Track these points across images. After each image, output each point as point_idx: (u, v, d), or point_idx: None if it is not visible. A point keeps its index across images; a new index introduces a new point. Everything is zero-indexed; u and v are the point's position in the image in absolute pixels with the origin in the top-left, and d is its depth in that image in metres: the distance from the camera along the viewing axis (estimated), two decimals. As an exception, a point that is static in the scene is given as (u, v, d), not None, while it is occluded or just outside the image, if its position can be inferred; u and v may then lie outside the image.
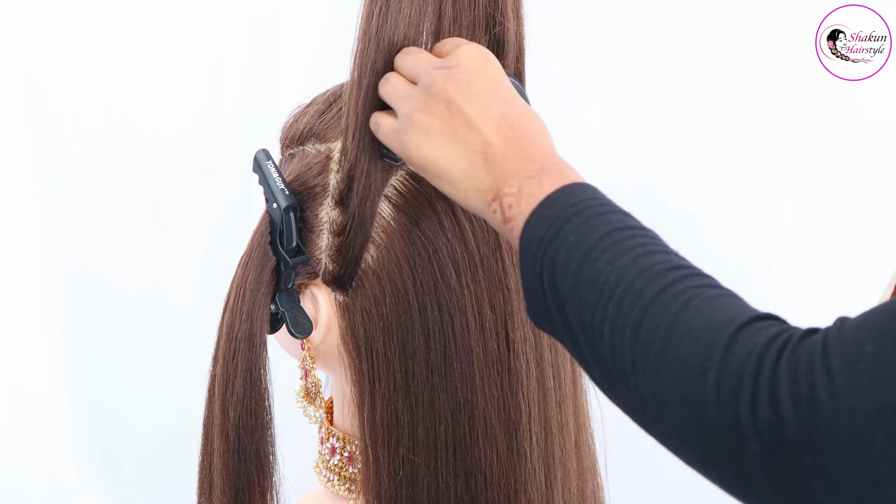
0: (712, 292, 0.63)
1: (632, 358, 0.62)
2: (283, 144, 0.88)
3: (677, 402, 0.60)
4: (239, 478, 0.81)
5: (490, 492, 0.83)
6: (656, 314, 0.62)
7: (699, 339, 0.60)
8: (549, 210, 0.68)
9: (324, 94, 0.88)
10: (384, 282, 0.81)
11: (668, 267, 0.64)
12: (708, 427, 0.59)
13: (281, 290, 0.82)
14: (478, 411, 0.82)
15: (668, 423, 0.62)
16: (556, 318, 0.67)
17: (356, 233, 0.80)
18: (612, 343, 0.63)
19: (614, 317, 0.63)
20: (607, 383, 0.65)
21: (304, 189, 0.82)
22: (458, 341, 0.81)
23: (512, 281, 0.83)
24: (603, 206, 0.68)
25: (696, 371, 0.59)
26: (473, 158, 0.72)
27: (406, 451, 0.81)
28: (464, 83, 0.73)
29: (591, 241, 0.66)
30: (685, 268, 0.65)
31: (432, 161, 0.73)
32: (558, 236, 0.67)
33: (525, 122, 0.73)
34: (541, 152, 0.72)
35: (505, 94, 0.74)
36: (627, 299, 0.63)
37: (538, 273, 0.68)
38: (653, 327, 0.62)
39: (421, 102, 0.74)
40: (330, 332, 0.84)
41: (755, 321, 0.61)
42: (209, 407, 0.83)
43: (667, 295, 0.62)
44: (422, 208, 0.81)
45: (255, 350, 0.81)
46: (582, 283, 0.65)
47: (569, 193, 0.69)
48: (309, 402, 0.88)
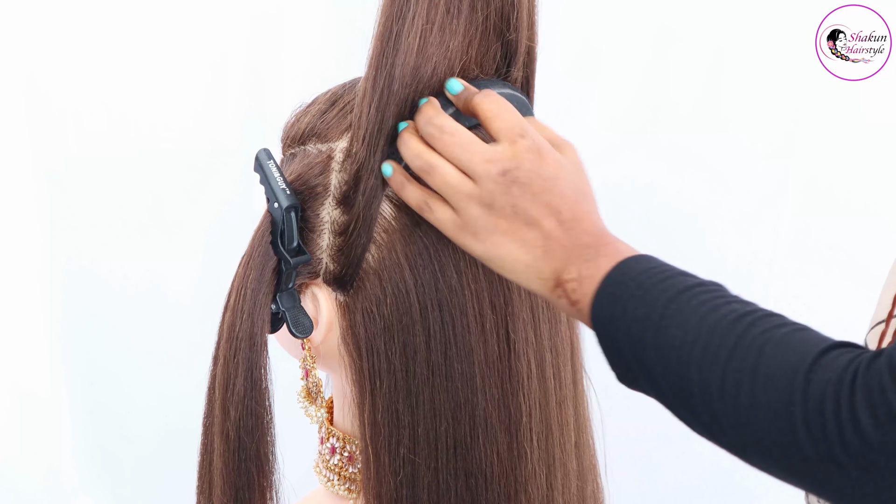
0: (780, 333, 0.68)
1: (723, 412, 0.68)
2: (285, 144, 0.88)
3: (775, 447, 0.67)
4: (239, 477, 0.81)
5: (490, 492, 0.83)
6: (736, 369, 0.68)
7: (777, 385, 0.66)
8: (612, 289, 0.74)
9: (325, 94, 0.88)
10: (385, 282, 0.81)
11: (733, 319, 0.70)
12: (810, 464, 0.66)
13: (282, 289, 0.82)
14: (478, 411, 0.82)
15: (772, 464, 0.68)
16: (644, 384, 0.73)
17: (359, 233, 0.80)
18: (703, 401, 0.69)
19: (697, 378, 0.69)
20: (707, 435, 0.72)
21: (306, 188, 0.82)
22: (459, 341, 0.81)
23: (514, 282, 0.83)
24: (660, 272, 0.74)
25: (784, 416, 0.66)
26: (535, 253, 0.77)
27: (406, 451, 0.81)
28: (526, 185, 0.76)
29: (658, 310, 0.71)
30: (749, 314, 0.70)
31: (497, 256, 0.77)
32: (626, 312, 0.73)
33: (579, 211, 0.77)
34: (594, 235, 0.77)
35: (564, 189, 0.77)
36: (706, 360, 0.69)
37: (619, 349, 0.74)
38: (735, 383, 0.68)
39: (486, 206, 0.77)
40: (331, 332, 0.84)
41: (825, 353, 0.67)
42: (209, 406, 0.83)
43: (740, 348, 0.68)
44: None
45: (255, 350, 0.80)
46: (661, 351, 0.71)
47: (625, 269, 0.74)
48: (310, 401, 0.88)
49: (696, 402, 0.70)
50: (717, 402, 0.68)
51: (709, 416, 0.69)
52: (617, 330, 0.73)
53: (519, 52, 0.84)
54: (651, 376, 0.72)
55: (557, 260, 0.76)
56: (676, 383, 0.70)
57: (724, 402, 0.68)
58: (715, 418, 0.69)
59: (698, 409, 0.70)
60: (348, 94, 0.87)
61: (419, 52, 0.79)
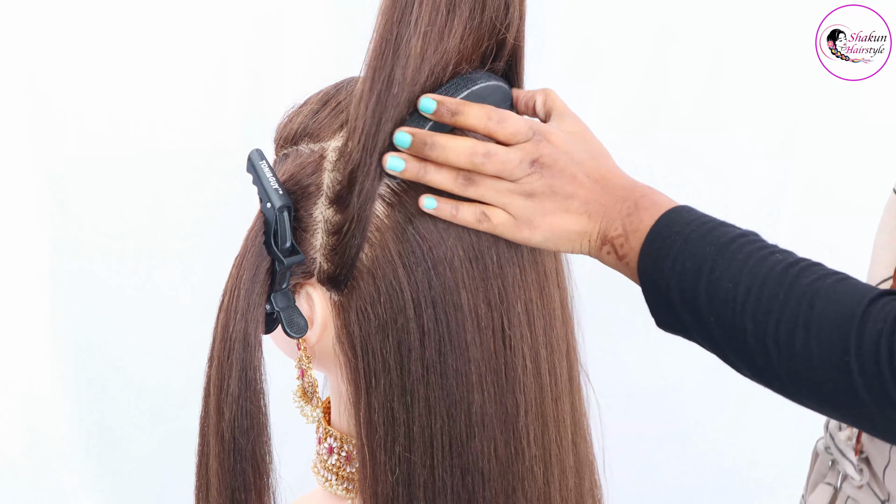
0: (826, 284, 0.74)
1: (778, 360, 0.74)
2: (278, 144, 0.88)
3: (831, 393, 0.72)
4: (234, 478, 0.81)
5: (488, 489, 0.83)
6: (787, 320, 0.73)
7: (830, 336, 0.72)
8: (658, 243, 0.80)
9: (317, 94, 0.88)
10: (378, 280, 0.81)
11: (780, 270, 0.75)
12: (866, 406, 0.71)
13: (276, 289, 0.82)
14: (474, 409, 0.82)
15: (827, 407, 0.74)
16: (696, 334, 0.79)
17: (354, 233, 0.80)
18: (758, 350, 0.75)
19: (752, 328, 0.75)
20: (760, 380, 0.77)
21: (298, 188, 0.82)
22: (454, 338, 0.81)
23: (508, 277, 0.83)
24: (702, 224, 0.79)
25: (839, 365, 0.71)
26: (581, 220, 0.83)
27: (402, 449, 0.81)
28: (552, 166, 0.83)
29: (707, 264, 0.77)
30: (794, 264, 0.76)
31: (553, 235, 0.83)
32: (675, 266, 0.78)
33: (602, 169, 0.84)
34: (626, 189, 0.83)
35: (580, 155, 0.84)
36: (759, 312, 0.74)
37: (669, 301, 0.79)
38: (788, 332, 0.73)
39: (529, 196, 0.83)
40: (325, 332, 0.84)
41: (873, 303, 0.72)
42: (205, 407, 0.83)
43: (791, 299, 0.74)
44: (415, 206, 0.81)
45: (249, 350, 0.80)
46: (714, 304, 0.77)
47: (668, 223, 0.80)
48: (306, 401, 0.88)
49: (750, 350, 0.75)
50: (773, 352, 0.74)
51: (764, 363, 0.75)
52: (667, 283, 0.78)
53: (506, 47, 0.86)
54: (705, 328, 0.77)
55: (601, 219, 0.83)
56: (731, 333, 0.76)
57: (779, 351, 0.74)
58: (770, 366, 0.75)
59: (753, 357, 0.75)
60: (340, 93, 0.87)
61: (419, 55, 0.79)
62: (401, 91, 0.79)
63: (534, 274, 0.85)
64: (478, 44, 0.83)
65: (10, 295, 2.07)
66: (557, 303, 0.87)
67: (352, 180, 0.80)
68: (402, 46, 0.79)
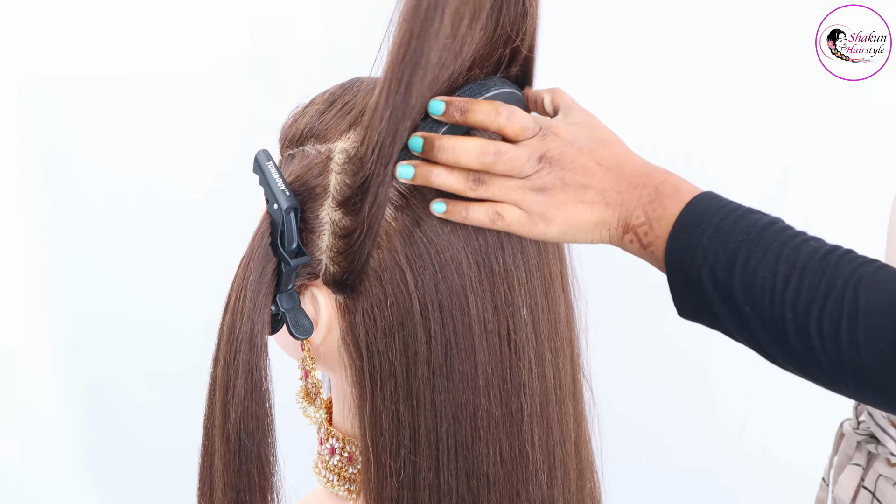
0: (868, 272, 0.74)
1: (822, 348, 0.74)
2: (283, 145, 0.88)
3: (876, 381, 0.73)
4: (240, 479, 0.81)
5: (492, 493, 0.83)
6: (832, 309, 0.74)
7: (877, 325, 0.72)
8: (687, 232, 0.79)
9: (323, 94, 0.88)
10: (385, 283, 0.81)
11: (818, 259, 0.75)
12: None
13: (281, 290, 0.82)
14: (480, 412, 0.82)
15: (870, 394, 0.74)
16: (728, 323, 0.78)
17: (364, 241, 0.80)
18: (799, 340, 0.75)
19: (791, 317, 0.74)
20: (796, 369, 0.77)
21: (305, 190, 0.82)
22: (461, 342, 0.81)
23: (514, 281, 0.83)
24: (731, 212, 0.79)
25: (887, 353, 0.71)
26: (598, 209, 0.82)
27: (408, 452, 0.81)
28: (561, 159, 0.82)
29: (742, 253, 0.77)
30: (831, 252, 0.76)
31: (569, 227, 0.82)
32: (707, 255, 0.78)
33: (614, 156, 0.83)
34: (643, 175, 0.82)
35: (589, 145, 0.83)
36: (800, 301, 0.74)
37: (700, 290, 0.78)
38: (832, 322, 0.73)
39: (540, 190, 0.82)
40: (330, 333, 0.84)
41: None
42: (209, 408, 0.83)
43: (834, 288, 0.74)
44: (423, 209, 0.81)
45: (255, 351, 0.80)
46: (751, 294, 0.76)
47: (696, 211, 0.80)
48: (309, 402, 0.88)
49: (790, 340, 0.75)
50: (816, 340, 0.74)
51: (804, 352, 0.75)
52: (699, 273, 0.78)
53: (520, 55, 0.85)
54: (740, 317, 0.77)
55: (620, 207, 0.82)
56: (769, 323, 0.75)
57: (822, 340, 0.73)
58: (811, 353, 0.74)
59: (792, 346, 0.75)
60: (346, 94, 0.86)
61: (438, 64, 0.78)
62: (417, 101, 0.79)
63: (539, 277, 0.85)
64: (493, 50, 0.82)
65: (11, 295, 2.07)
66: (562, 306, 0.87)
67: (364, 189, 0.79)
68: (423, 57, 0.76)
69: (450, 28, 0.77)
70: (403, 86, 0.77)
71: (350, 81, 0.88)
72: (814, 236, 0.78)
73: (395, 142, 0.79)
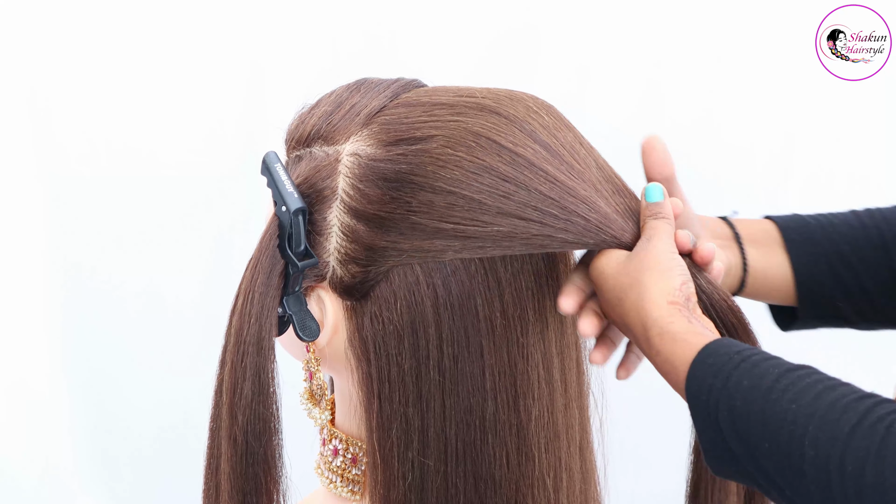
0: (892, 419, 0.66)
1: (842, 491, 0.65)
2: (289, 146, 0.87)
3: None
4: (246, 481, 0.81)
5: (499, 496, 0.82)
6: (858, 446, 0.65)
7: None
8: (712, 359, 0.72)
9: (329, 95, 0.88)
10: (395, 285, 0.80)
11: (854, 399, 0.67)
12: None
13: (288, 292, 0.82)
14: (488, 415, 0.81)
15: None
16: (742, 461, 0.71)
17: (380, 263, 0.81)
18: (818, 480, 0.66)
19: (812, 454, 0.66)
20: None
21: (313, 192, 0.81)
22: (471, 345, 0.81)
23: (522, 284, 0.82)
24: (764, 353, 0.72)
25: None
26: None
27: (416, 454, 0.81)
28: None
29: (766, 383, 0.69)
30: (870, 396, 0.68)
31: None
32: (729, 382, 0.71)
33: (624, 312, 0.81)
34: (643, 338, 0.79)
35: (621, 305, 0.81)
36: (823, 436, 0.66)
37: (714, 420, 0.71)
38: (857, 459, 0.65)
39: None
40: (336, 335, 0.83)
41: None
42: (216, 410, 0.83)
43: (864, 425, 0.66)
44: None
45: (263, 354, 0.80)
46: (768, 425, 0.68)
47: (727, 343, 0.73)
48: (313, 403, 0.87)
49: (807, 483, 0.67)
50: (836, 482, 0.66)
51: (821, 497, 0.67)
52: (716, 400, 0.71)
53: None
54: (753, 454, 0.70)
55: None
56: (785, 462, 0.68)
57: (843, 480, 0.65)
58: (830, 497, 0.66)
59: (809, 489, 0.67)
60: (353, 96, 0.86)
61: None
62: None
63: (547, 281, 0.84)
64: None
65: (11, 296, 2.06)
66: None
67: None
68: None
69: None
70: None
71: (357, 83, 0.87)
72: (860, 388, 0.70)
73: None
